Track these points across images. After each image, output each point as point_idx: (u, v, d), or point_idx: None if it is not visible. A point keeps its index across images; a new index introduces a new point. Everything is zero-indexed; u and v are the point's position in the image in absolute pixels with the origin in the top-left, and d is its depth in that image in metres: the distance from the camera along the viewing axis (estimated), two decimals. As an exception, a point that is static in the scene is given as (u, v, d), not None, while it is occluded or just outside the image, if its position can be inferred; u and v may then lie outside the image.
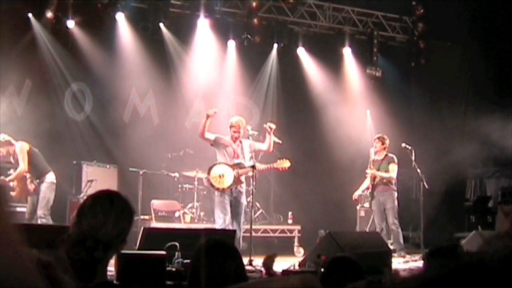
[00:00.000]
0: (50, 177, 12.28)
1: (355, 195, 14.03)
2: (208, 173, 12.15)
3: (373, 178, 13.58)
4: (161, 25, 15.51)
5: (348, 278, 4.21)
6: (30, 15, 14.57)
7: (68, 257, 3.03)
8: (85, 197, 3.76)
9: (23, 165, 11.92)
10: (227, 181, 12.01)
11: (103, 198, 3.27)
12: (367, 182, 13.79)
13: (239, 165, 12.14)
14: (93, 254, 3.06)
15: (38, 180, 12.17)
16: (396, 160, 13.46)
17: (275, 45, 16.70)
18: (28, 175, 12.10)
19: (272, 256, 5.86)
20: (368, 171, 13.59)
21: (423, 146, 14.84)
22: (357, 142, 16.29)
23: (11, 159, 12.10)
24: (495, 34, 16.01)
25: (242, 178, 12.18)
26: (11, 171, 12.19)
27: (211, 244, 3.81)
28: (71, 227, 3.18)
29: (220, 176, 12.02)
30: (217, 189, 12.04)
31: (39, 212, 11.98)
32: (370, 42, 17.12)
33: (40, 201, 12.10)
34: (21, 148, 11.96)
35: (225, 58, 16.54)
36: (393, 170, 13.40)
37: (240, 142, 12.39)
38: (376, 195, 13.56)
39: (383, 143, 13.57)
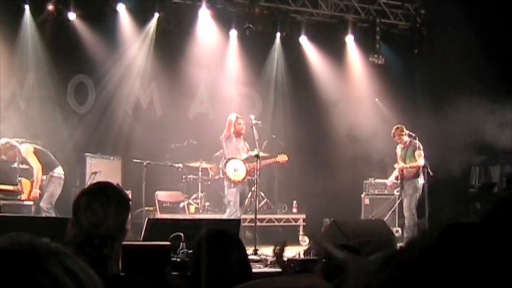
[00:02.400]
0: (58, 171, 12.39)
1: (388, 181, 14.14)
2: (224, 167, 12.81)
3: (401, 169, 13.65)
4: (156, 14, 15.47)
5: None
6: (27, 7, 14.52)
7: None
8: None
9: (35, 166, 12.08)
10: (241, 174, 12.74)
11: (98, 193, 3.21)
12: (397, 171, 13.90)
13: (248, 159, 12.79)
14: (103, 252, 3.04)
15: (47, 176, 12.31)
16: (420, 146, 13.47)
17: (278, 34, 16.66)
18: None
19: (282, 246, 5.81)
20: (396, 165, 13.66)
21: (427, 133, 14.81)
22: (362, 130, 16.25)
23: (16, 160, 12.26)
24: (496, 22, 15.94)
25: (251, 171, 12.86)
26: (18, 178, 12.35)
27: (213, 233, 3.80)
28: (70, 227, 3.14)
29: (235, 170, 12.69)
30: (233, 181, 12.70)
31: (42, 204, 12.08)
32: (373, 29, 17.04)
33: (45, 194, 12.20)
34: (26, 151, 12.10)
35: (227, 48, 16.52)
36: (419, 157, 13.47)
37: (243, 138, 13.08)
38: (403, 184, 13.63)
39: (400, 135, 13.62)
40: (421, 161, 13.44)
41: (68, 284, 1.10)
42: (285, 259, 7.24)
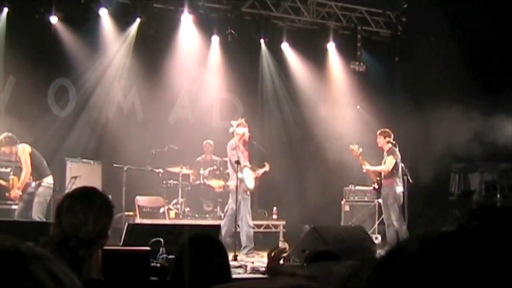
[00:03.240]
0: (48, 180, 12.30)
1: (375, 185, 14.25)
2: (241, 176, 12.75)
3: (379, 173, 13.61)
4: (138, 19, 15.43)
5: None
6: (5, 9, 14.45)
7: None
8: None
9: (26, 169, 12.05)
10: (253, 182, 13.15)
11: (81, 196, 3.24)
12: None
13: (253, 167, 13.18)
14: (78, 253, 3.03)
15: (36, 182, 12.19)
16: (395, 152, 13.39)
17: (260, 40, 16.68)
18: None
19: (281, 251, 5.78)
20: (364, 167, 13.61)
21: (407, 140, 14.88)
22: (342, 137, 16.29)
23: (12, 159, 12.22)
24: (476, 30, 16.06)
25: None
26: (11, 175, 12.32)
27: (196, 238, 3.80)
28: (52, 228, 3.15)
29: (249, 179, 12.96)
30: (247, 190, 12.97)
31: (35, 216, 11.89)
32: (354, 37, 17.10)
33: (36, 205, 12.00)
34: (23, 150, 12.02)
35: (209, 53, 16.53)
36: (388, 162, 13.29)
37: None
38: (381, 190, 13.56)
39: (385, 137, 13.60)
40: (387, 166, 13.34)
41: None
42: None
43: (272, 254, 5.39)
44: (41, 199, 12.06)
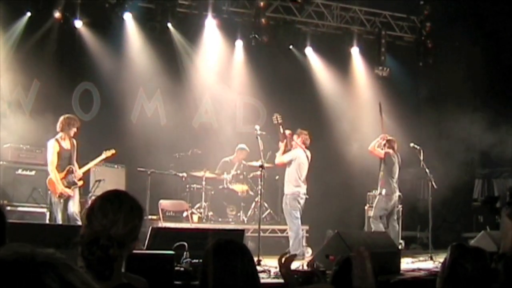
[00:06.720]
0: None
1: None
2: None
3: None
4: (169, 25, 15.49)
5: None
6: (28, 14, 14.51)
7: (83, 257, 3.02)
8: (93, 197, 3.79)
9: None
10: None
11: (112, 198, 3.28)
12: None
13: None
14: (108, 252, 3.05)
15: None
16: (386, 160, 13.45)
17: (283, 45, 16.67)
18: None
19: (290, 257, 5.77)
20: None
21: (432, 146, 14.80)
22: (366, 141, 16.23)
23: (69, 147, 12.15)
24: (500, 36, 15.97)
25: None
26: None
27: (221, 243, 3.80)
28: (82, 229, 3.18)
29: None
30: None
31: (76, 210, 11.84)
32: (378, 41, 17.09)
33: (76, 201, 12.01)
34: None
35: (233, 58, 16.54)
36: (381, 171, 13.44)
37: None
38: None
39: (389, 147, 13.58)
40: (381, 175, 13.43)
41: None
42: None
43: (282, 260, 5.37)
44: (77, 196, 12.05)
